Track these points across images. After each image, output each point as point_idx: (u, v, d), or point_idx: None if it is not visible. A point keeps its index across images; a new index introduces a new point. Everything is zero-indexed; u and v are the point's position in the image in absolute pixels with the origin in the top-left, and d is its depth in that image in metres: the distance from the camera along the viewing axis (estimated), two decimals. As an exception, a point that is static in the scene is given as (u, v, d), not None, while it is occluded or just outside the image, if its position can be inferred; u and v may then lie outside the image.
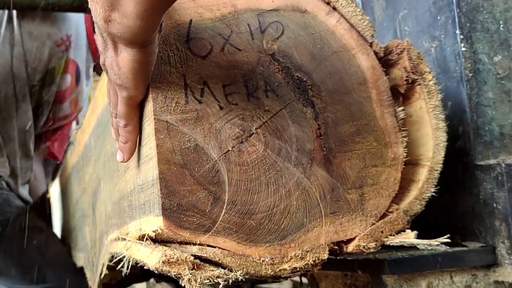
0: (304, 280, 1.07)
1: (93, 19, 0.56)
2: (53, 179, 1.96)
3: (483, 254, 0.77)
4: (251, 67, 0.67)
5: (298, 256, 0.65)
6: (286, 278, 0.68)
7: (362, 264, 0.76)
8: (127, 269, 0.75)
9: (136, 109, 0.63)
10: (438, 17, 0.86)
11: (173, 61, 0.64)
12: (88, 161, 1.15)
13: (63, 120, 1.73)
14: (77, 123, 1.82)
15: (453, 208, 0.84)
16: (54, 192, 2.07)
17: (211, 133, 0.63)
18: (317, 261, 0.66)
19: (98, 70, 1.81)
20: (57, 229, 2.08)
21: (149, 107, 0.62)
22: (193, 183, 0.62)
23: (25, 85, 1.56)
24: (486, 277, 0.78)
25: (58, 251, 1.59)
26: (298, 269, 0.65)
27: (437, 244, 0.67)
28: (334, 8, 0.72)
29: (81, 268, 1.38)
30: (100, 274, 1.05)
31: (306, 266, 0.66)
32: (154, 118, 0.61)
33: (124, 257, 0.74)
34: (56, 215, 2.10)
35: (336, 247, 0.68)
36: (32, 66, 1.57)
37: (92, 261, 1.17)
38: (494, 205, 0.77)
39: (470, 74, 0.82)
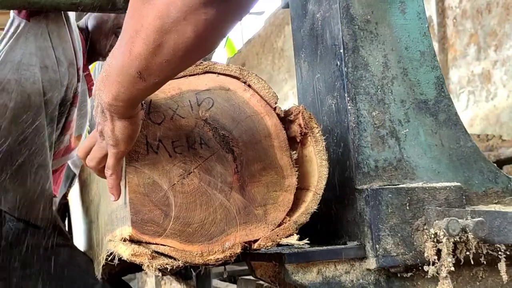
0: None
1: (99, 100, 0.95)
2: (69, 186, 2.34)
3: (357, 250, 1.16)
4: (191, 129, 1.08)
5: (220, 251, 1.06)
6: (213, 265, 1.09)
7: (273, 256, 1.16)
8: (118, 261, 1.16)
9: (120, 162, 1.03)
10: (336, 83, 1.26)
11: None
12: (93, 180, 1.57)
13: (62, 156, 1.92)
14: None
15: (344, 218, 1.24)
16: (73, 197, 2.50)
17: (163, 173, 1.04)
18: (233, 254, 1.07)
19: None
20: (75, 230, 2.50)
21: (123, 157, 1.03)
22: (151, 205, 1.03)
23: (55, 109, 1.75)
24: (360, 266, 1.17)
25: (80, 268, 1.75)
26: (220, 259, 1.06)
27: (303, 244, 1.07)
28: (249, 86, 1.13)
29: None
30: (103, 266, 1.47)
31: (225, 257, 1.06)
32: (126, 164, 1.03)
33: (112, 252, 1.16)
34: (74, 218, 2.53)
35: (247, 245, 1.08)
36: (59, 92, 1.75)
37: (97, 256, 1.59)
38: (364, 216, 1.16)
39: (354, 125, 1.21)
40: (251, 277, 2.18)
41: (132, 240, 1.05)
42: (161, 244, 1.03)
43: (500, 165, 6.54)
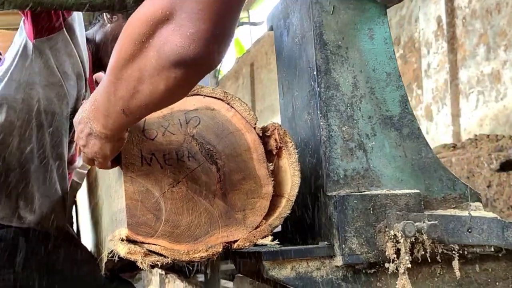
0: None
1: (90, 126, 1.15)
2: None
3: (327, 249, 1.35)
4: (180, 143, 1.27)
5: (204, 249, 1.25)
6: (197, 262, 1.27)
7: (253, 255, 1.35)
8: (118, 258, 1.35)
9: (106, 163, 1.22)
10: (310, 101, 1.44)
11: (135, 142, 1.24)
12: (98, 185, 1.77)
13: (70, 163, 2.06)
14: None
15: (317, 221, 1.42)
16: (81, 198, 2.68)
17: (155, 182, 1.23)
18: (215, 252, 1.25)
19: None
20: (83, 229, 2.68)
21: (122, 169, 1.23)
22: (145, 210, 1.22)
23: (67, 121, 1.87)
24: (329, 263, 1.36)
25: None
26: (204, 257, 1.25)
27: (274, 244, 1.26)
28: (232, 106, 1.32)
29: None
30: (105, 263, 1.66)
31: (208, 255, 1.25)
32: (124, 174, 1.22)
33: (112, 251, 1.35)
34: (82, 217, 2.72)
35: (227, 245, 1.27)
36: (67, 104, 1.87)
37: (100, 254, 1.78)
38: (333, 219, 1.35)
39: (325, 138, 1.40)
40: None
41: (129, 240, 1.24)
42: (153, 244, 1.22)
43: (510, 165, 6.66)
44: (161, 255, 1.22)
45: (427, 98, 8.79)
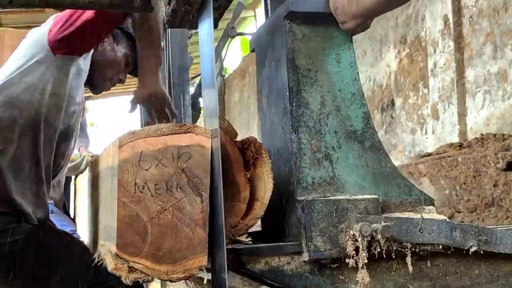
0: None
1: None
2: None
3: (295, 247, 1.60)
4: (170, 175, 1.45)
5: (181, 271, 1.43)
6: (175, 281, 1.51)
7: (232, 251, 1.61)
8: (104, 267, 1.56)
9: None
10: (283, 117, 1.70)
11: (131, 171, 1.44)
12: (95, 190, 2.02)
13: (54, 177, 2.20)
14: None
15: (289, 222, 1.68)
16: (83, 183, 2.82)
17: (145, 208, 1.42)
18: (191, 274, 1.43)
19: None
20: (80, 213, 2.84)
21: (116, 193, 1.45)
22: (133, 232, 1.42)
23: (55, 132, 1.99)
24: (298, 259, 1.61)
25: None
26: (181, 278, 1.44)
27: (247, 241, 1.51)
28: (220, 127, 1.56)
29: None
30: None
31: (185, 277, 1.43)
32: (117, 200, 1.43)
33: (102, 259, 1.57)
34: (81, 202, 2.87)
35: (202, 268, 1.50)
36: (60, 119, 1.99)
37: (96, 243, 2.03)
38: (301, 221, 1.60)
39: (296, 150, 1.65)
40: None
41: (118, 256, 1.42)
42: (137, 262, 1.41)
43: (517, 165, 6.85)
44: (143, 273, 1.42)
45: (434, 97, 8.99)
